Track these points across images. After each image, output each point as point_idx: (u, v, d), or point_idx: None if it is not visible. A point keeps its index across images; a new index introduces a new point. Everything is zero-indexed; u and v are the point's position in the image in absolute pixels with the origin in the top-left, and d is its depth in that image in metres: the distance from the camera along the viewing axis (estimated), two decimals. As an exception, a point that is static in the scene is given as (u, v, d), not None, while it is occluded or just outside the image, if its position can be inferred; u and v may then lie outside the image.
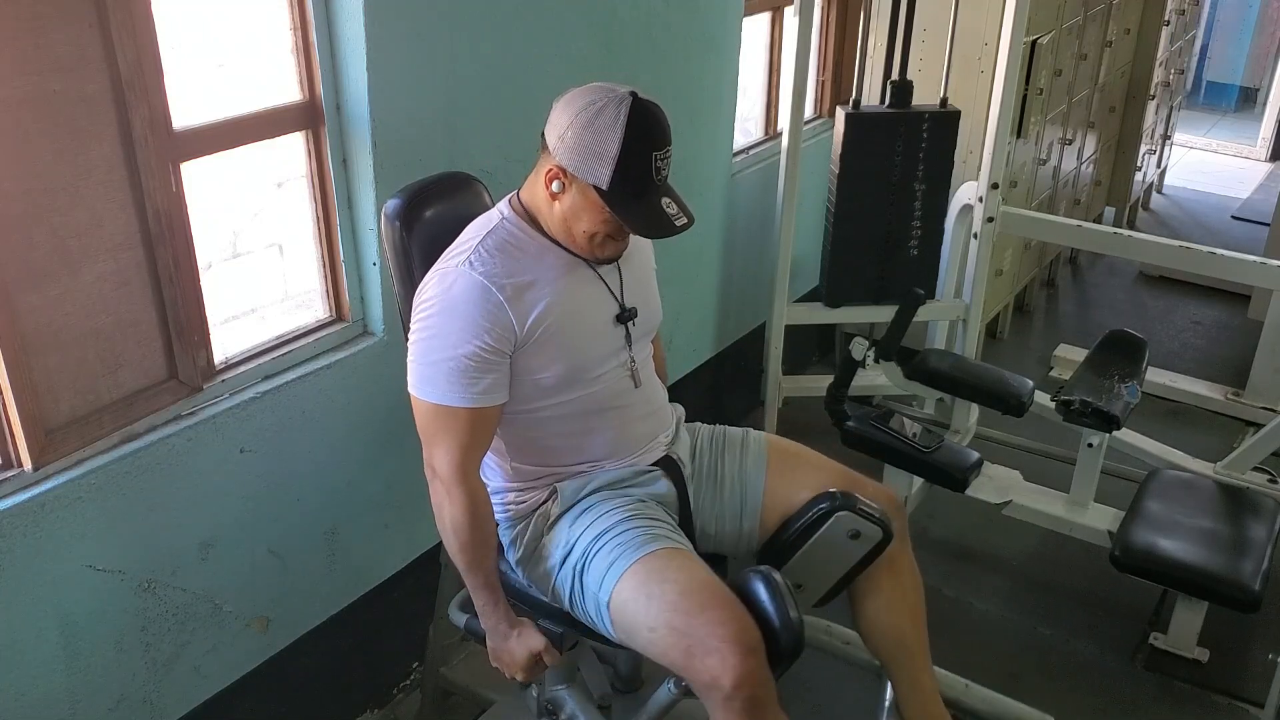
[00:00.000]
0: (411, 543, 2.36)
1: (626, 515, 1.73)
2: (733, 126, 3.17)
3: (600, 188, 1.60)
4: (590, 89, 1.61)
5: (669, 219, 1.63)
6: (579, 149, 1.59)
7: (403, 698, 2.45)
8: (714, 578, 1.67)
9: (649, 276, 1.91)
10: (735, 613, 1.60)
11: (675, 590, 1.62)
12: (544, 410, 1.75)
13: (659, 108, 1.62)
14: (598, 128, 1.57)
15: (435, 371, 1.65)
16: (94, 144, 1.65)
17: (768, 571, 1.66)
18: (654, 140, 1.60)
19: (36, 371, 1.64)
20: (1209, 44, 7.94)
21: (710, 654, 1.56)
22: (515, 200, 1.75)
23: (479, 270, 1.64)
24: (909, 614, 1.94)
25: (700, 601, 1.60)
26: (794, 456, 1.95)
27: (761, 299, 3.27)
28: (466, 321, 1.63)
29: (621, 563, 1.67)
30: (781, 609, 1.61)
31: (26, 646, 1.69)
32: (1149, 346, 2.99)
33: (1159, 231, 5.37)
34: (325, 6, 1.93)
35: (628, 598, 1.65)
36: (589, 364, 1.74)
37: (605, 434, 1.80)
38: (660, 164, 1.61)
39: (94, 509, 1.73)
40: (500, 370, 1.67)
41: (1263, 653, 2.59)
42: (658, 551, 1.68)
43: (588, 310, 1.74)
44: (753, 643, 1.57)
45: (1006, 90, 3.01)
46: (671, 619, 1.61)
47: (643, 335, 1.85)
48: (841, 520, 1.80)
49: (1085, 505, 2.82)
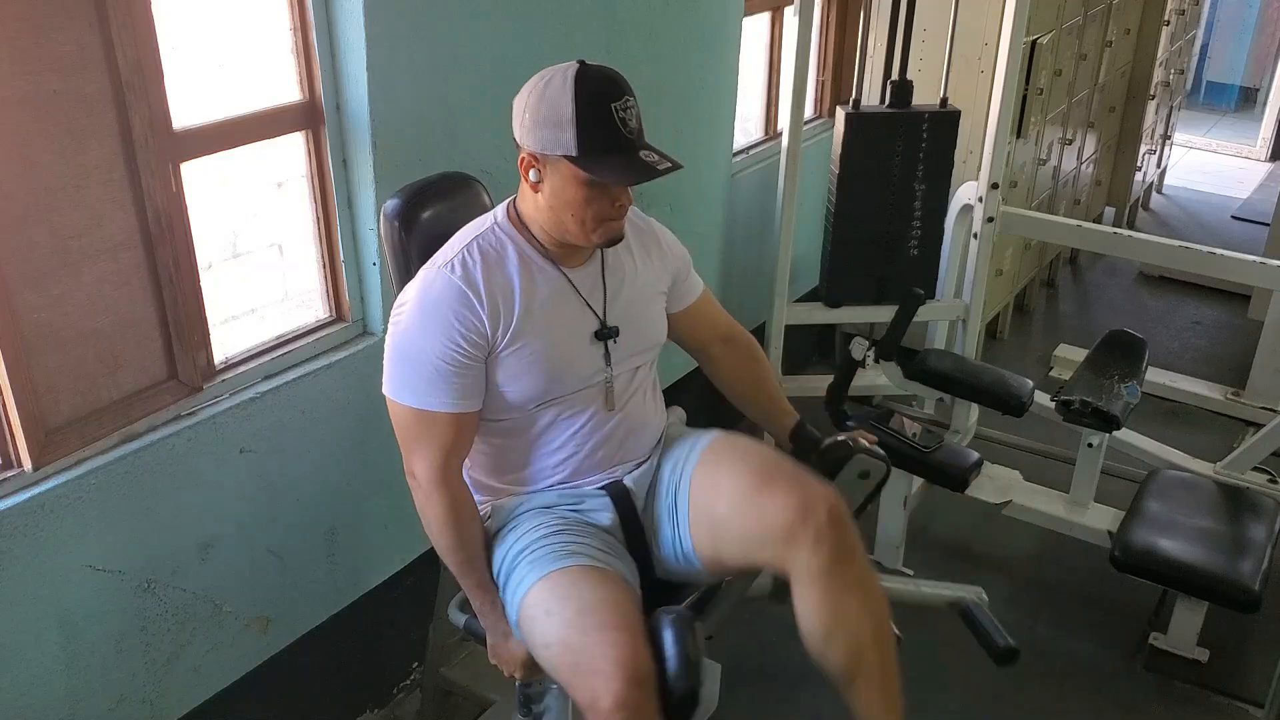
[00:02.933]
0: (411, 543, 2.35)
1: (549, 532, 1.71)
2: (733, 126, 3.17)
3: (570, 155, 1.56)
4: (538, 73, 1.60)
5: (649, 165, 1.58)
6: (538, 125, 1.57)
7: (403, 698, 2.45)
8: (623, 600, 1.61)
9: (648, 299, 1.84)
10: (629, 638, 1.53)
11: (574, 608, 1.59)
12: (506, 422, 1.74)
13: (609, 68, 1.59)
14: (549, 98, 1.55)
15: (413, 374, 1.64)
16: (94, 144, 1.65)
17: (683, 616, 1.57)
18: (608, 93, 1.56)
19: (36, 371, 1.64)
20: (1209, 44, 7.94)
21: (594, 674, 1.51)
22: (511, 207, 1.73)
23: (458, 275, 1.63)
24: (837, 640, 1.66)
25: (597, 621, 1.56)
26: (714, 463, 1.77)
27: (761, 299, 3.27)
28: (443, 324, 1.61)
29: (529, 579, 1.65)
30: (680, 657, 1.51)
31: (26, 646, 1.69)
32: (1149, 346, 2.99)
33: (1159, 231, 5.37)
34: (325, 6, 1.93)
35: (530, 614, 1.63)
36: (559, 379, 1.71)
37: (561, 454, 1.76)
38: (623, 115, 1.57)
39: (94, 509, 1.73)
40: (476, 375, 1.65)
41: (1263, 653, 2.59)
42: (566, 569, 1.64)
43: (563, 324, 1.70)
44: (641, 673, 1.50)
45: (1006, 90, 3.01)
46: (565, 635, 1.57)
47: (628, 356, 1.78)
48: (857, 462, 1.81)
49: (1085, 505, 2.82)
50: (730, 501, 1.71)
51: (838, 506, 1.66)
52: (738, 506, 1.70)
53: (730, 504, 1.71)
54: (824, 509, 1.64)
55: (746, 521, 1.69)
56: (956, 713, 2.44)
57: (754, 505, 1.67)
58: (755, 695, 2.43)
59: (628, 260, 1.80)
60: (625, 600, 1.62)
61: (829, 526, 1.63)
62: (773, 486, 1.67)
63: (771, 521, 1.65)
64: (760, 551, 1.68)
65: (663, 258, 1.87)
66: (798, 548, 1.63)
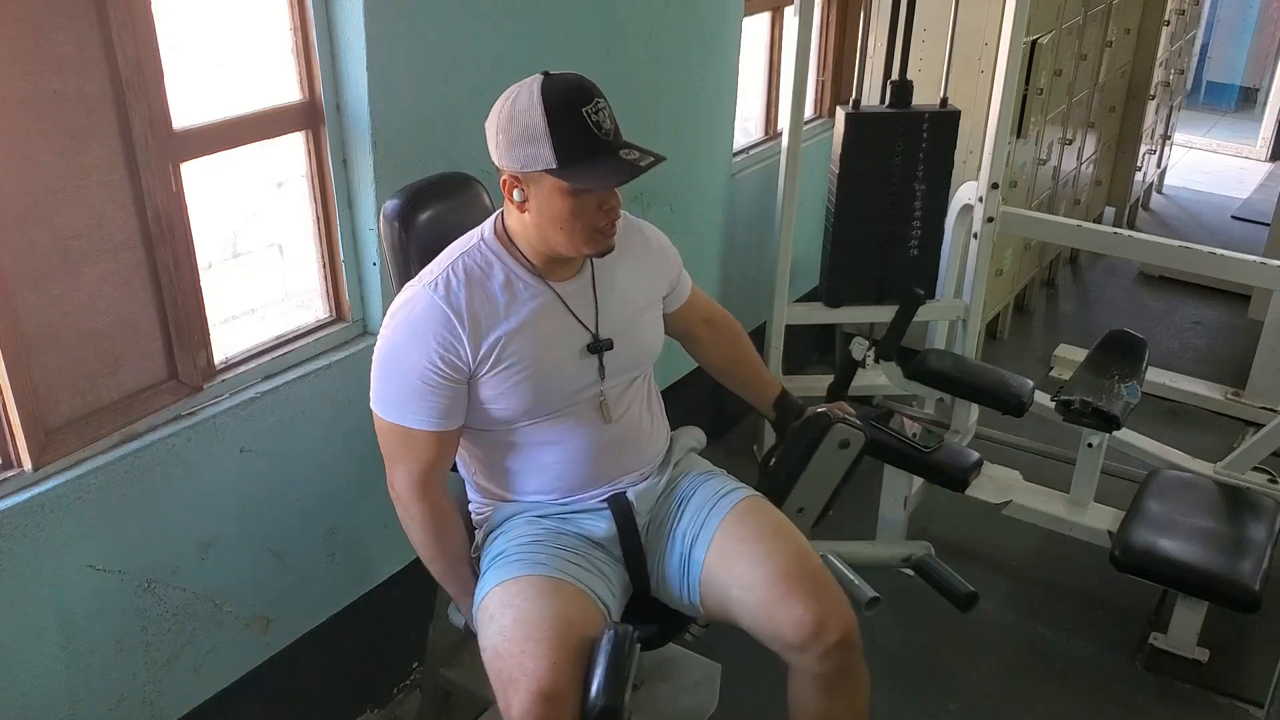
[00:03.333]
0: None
1: (527, 541, 1.72)
2: (733, 126, 3.17)
3: (550, 168, 1.54)
4: (504, 93, 1.59)
5: (630, 164, 1.55)
6: (513, 144, 1.55)
7: (403, 698, 2.45)
8: (570, 614, 1.60)
9: (641, 308, 1.82)
10: (551, 653, 1.53)
11: (511, 617, 1.60)
12: (499, 435, 1.74)
13: (573, 74, 1.58)
14: (519, 115, 1.54)
15: (393, 390, 1.65)
16: (94, 144, 1.65)
17: (621, 634, 1.54)
18: (576, 99, 1.54)
19: (36, 371, 1.64)
20: (1209, 44, 7.94)
21: (509, 684, 1.54)
22: (498, 222, 1.71)
23: (440, 295, 1.63)
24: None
25: (526, 633, 1.56)
26: (741, 541, 1.74)
27: (761, 299, 3.27)
28: (422, 344, 1.62)
29: (486, 584, 1.68)
30: (605, 675, 1.49)
31: (26, 646, 1.69)
32: (1149, 346, 2.99)
33: (1159, 231, 5.37)
34: (325, 6, 1.93)
35: (480, 618, 1.66)
36: (550, 396, 1.70)
37: (557, 467, 1.76)
38: (596, 118, 1.54)
39: (94, 509, 1.73)
40: (456, 395, 1.65)
41: (1263, 653, 2.59)
42: (520, 578, 1.65)
43: (552, 341, 1.69)
44: (555, 691, 1.50)
45: (1006, 90, 3.01)
46: (497, 643, 1.59)
47: (623, 369, 1.77)
48: (836, 431, 1.90)
49: (1085, 505, 2.82)
50: (745, 588, 1.70)
51: (851, 629, 1.68)
52: (753, 598, 1.70)
53: (745, 590, 1.71)
54: (838, 631, 1.66)
55: (759, 614, 1.69)
56: (956, 713, 2.44)
57: (770, 604, 1.68)
58: (755, 695, 2.43)
59: (619, 270, 1.77)
60: (572, 614, 1.61)
61: (838, 648, 1.66)
62: (793, 594, 1.67)
63: (785, 628, 1.66)
64: (768, 640, 1.71)
65: (653, 262, 1.86)
66: (805, 657, 1.68)
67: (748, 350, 2.09)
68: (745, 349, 2.08)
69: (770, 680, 1.79)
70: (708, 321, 2.05)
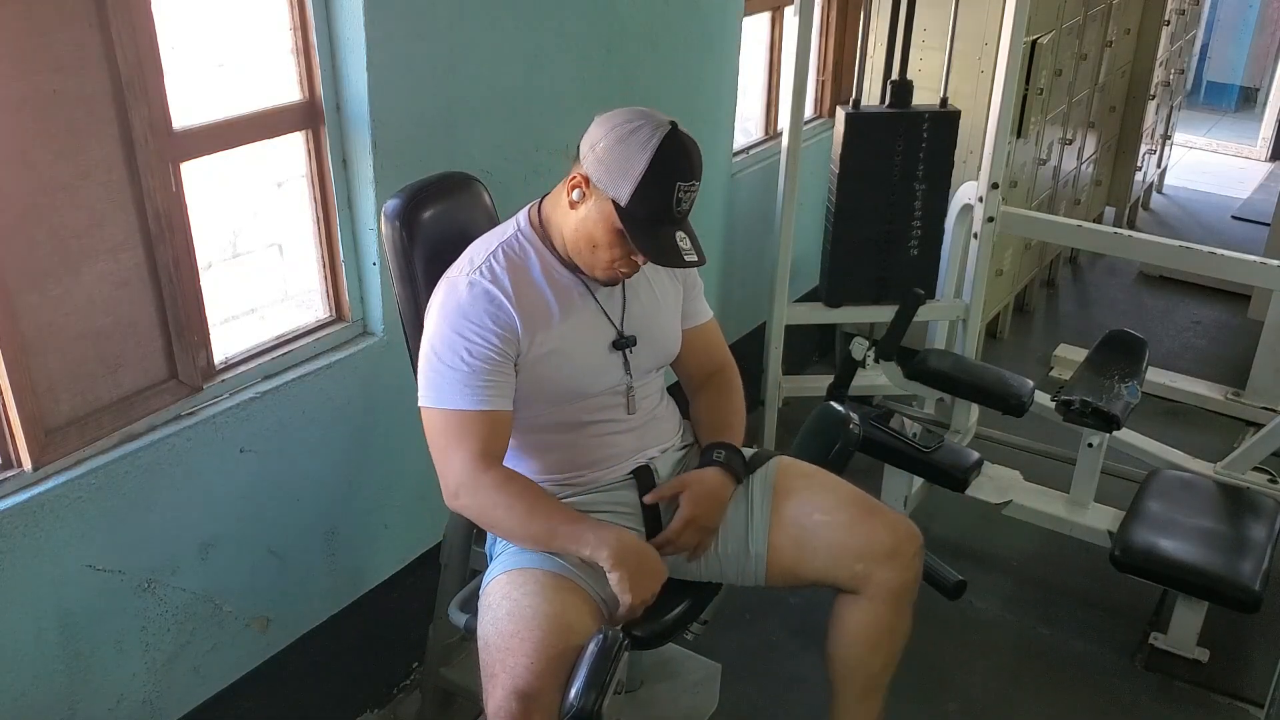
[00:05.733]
0: (411, 543, 2.36)
1: None
2: (733, 126, 3.17)
3: (619, 203, 1.60)
4: (634, 110, 1.63)
5: (679, 252, 1.63)
6: (607, 161, 1.60)
7: (403, 698, 2.45)
8: (566, 612, 1.59)
9: (664, 309, 1.88)
10: (537, 655, 1.52)
11: (507, 609, 1.60)
12: (528, 420, 1.76)
13: (694, 143, 1.63)
14: (629, 145, 1.59)
15: (446, 378, 1.65)
16: (94, 144, 1.65)
17: (610, 638, 1.50)
18: (680, 170, 1.61)
19: (36, 371, 1.64)
20: (1209, 44, 7.94)
21: (491, 677, 1.55)
22: (535, 211, 1.75)
23: (488, 278, 1.67)
24: (880, 653, 1.85)
25: (517, 627, 1.56)
26: (805, 478, 1.87)
27: (761, 299, 3.27)
28: (477, 324, 1.64)
29: (494, 571, 1.69)
30: (586, 678, 1.46)
31: (26, 646, 1.69)
32: (1149, 346, 2.99)
33: (1159, 231, 5.37)
34: (325, 6, 1.93)
35: (482, 605, 1.66)
36: (578, 387, 1.75)
37: (581, 447, 1.80)
38: (682, 195, 1.62)
39: (94, 509, 1.73)
40: (508, 375, 1.67)
41: (1263, 653, 2.59)
42: (523, 569, 1.65)
43: (582, 334, 1.74)
44: (532, 689, 1.50)
45: (1006, 90, 3.01)
46: (490, 635, 1.59)
47: (647, 366, 1.83)
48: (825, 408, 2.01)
49: (1085, 505, 2.82)
50: (829, 509, 1.81)
51: (922, 545, 1.85)
52: (842, 516, 1.81)
53: (830, 511, 1.81)
54: (918, 542, 1.83)
55: (851, 528, 1.79)
56: (956, 713, 2.44)
57: (859, 518, 1.80)
58: (755, 695, 2.43)
59: (647, 269, 1.81)
60: (568, 615, 1.60)
61: (915, 558, 1.82)
62: (878, 510, 1.83)
63: (879, 534, 1.79)
64: (848, 565, 1.78)
65: (673, 274, 1.91)
66: (889, 568, 1.78)
67: (731, 413, 1.95)
68: (730, 412, 1.95)
69: (771, 680, 1.80)
70: (713, 375, 1.98)
